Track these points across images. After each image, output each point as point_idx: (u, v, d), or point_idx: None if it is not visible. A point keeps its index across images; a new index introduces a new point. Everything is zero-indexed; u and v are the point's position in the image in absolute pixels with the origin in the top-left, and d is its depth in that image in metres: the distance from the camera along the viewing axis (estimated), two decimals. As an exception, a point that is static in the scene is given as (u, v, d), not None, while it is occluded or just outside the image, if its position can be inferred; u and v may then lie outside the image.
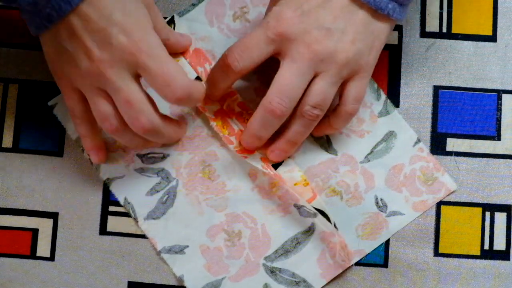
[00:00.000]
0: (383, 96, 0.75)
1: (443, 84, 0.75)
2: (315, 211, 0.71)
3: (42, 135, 0.75)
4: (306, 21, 0.65)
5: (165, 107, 0.74)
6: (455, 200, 0.74)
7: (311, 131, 0.71)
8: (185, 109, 0.74)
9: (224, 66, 0.67)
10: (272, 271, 0.73)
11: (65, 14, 0.62)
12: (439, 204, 0.74)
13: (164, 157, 0.74)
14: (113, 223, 0.74)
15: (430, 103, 0.75)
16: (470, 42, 0.76)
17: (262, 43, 0.66)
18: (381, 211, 0.73)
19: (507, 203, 0.74)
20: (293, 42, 0.65)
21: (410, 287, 0.73)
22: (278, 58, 0.67)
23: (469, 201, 0.74)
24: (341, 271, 0.72)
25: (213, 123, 0.73)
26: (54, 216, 0.74)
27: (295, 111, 0.68)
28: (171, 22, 0.74)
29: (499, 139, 0.75)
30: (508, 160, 0.74)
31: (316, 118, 0.68)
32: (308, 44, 0.65)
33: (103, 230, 0.74)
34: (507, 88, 0.75)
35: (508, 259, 0.73)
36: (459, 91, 0.75)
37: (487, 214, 0.74)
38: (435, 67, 0.75)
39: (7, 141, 0.75)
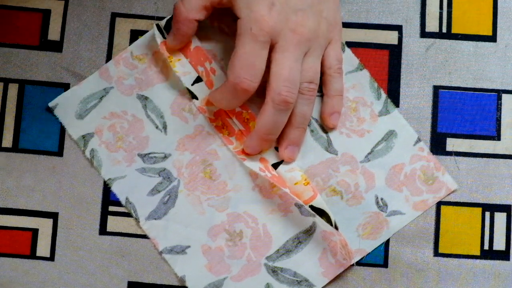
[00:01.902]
0: (383, 96, 0.75)
1: (443, 84, 0.75)
2: (313, 212, 0.71)
3: (42, 135, 0.74)
4: (282, 11, 0.68)
5: (166, 106, 0.74)
6: (455, 200, 0.74)
7: (313, 112, 0.74)
8: (185, 108, 0.74)
9: (238, 91, 0.69)
10: (273, 271, 0.73)
11: None
12: (439, 204, 0.74)
13: (165, 157, 0.74)
14: (113, 223, 0.74)
15: (430, 103, 0.75)
16: (470, 42, 0.76)
17: (258, 51, 0.68)
18: (382, 210, 0.73)
19: (507, 203, 0.74)
20: (279, 34, 0.68)
21: (410, 287, 0.73)
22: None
23: (469, 201, 0.74)
24: (342, 269, 0.73)
25: (213, 124, 0.73)
26: (54, 216, 0.74)
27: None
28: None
29: (499, 139, 0.75)
30: (508, 160, 0.74)
31: (314, 93, 0.72)
32: (292, 30, 0.69)
33: (103, 230, 0.74)
34: (507, 88, 0.75)
35: (508, 259, 0.73)
36: (459, 91, 0.75)
37: (487, 214, 0.74)
38: (435, 67, 0.75)
39: (7, 141, 0.75)
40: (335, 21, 0.73)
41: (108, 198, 0.74)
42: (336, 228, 0.71)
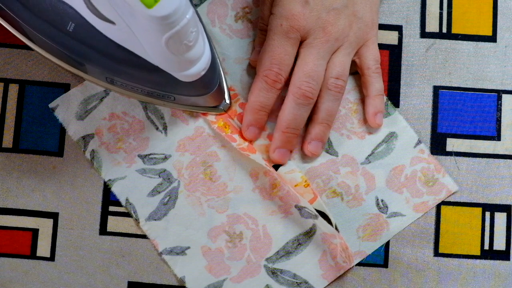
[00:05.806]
0: (384, 98, 0.74)
1: (443, 84, 0.75)
2: (316, 213, 0.71)
3: (42, 135, 0.74)
4: (315, 9, 0.69)
5: (167, 108, 0.74)
6: (455, 201, 0.74)
7: (339, 106, 0.74)
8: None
9: (270, 85, 0.70)
10: (273, 272, 0.73)
11: None
12: (439, 205, 0.74)
13: (165, 158, 0.74)
14: (113, 223, 0.74)
15: (430, 103, 0.75)
16: (470, 42, 0.76)
17: (287, 47, 0.70)
18: (382, 212, 0.73)
19: (507, 203, 0.74)
20: (309, 31, 0.70)
21: (410, 287, 0.73)
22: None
23: (469, 201, 0.74)
24: (342, 272, 0.73)
25: (215, 126, 0.73)
26: (54, 216, 0.74)
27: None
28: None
29: (499, 139, 0.75)
30: (508, 160, 0.74)
31: (341, 90, 0.72)
32: (322, 28, 0.70)
33: (103, 230, 0.74)
34: (507, 88, 0.75)
35: (508, 259, 0.74)
36: (459, 91, 0.75)
37: (487, 214, 0.74)
38: (435, 67, 0.75)
39: (7, 141, 0.75)
40: (372, 22, 0.72)
41: (108, 198, 0.74)
42: (337, 231, 0.71)
